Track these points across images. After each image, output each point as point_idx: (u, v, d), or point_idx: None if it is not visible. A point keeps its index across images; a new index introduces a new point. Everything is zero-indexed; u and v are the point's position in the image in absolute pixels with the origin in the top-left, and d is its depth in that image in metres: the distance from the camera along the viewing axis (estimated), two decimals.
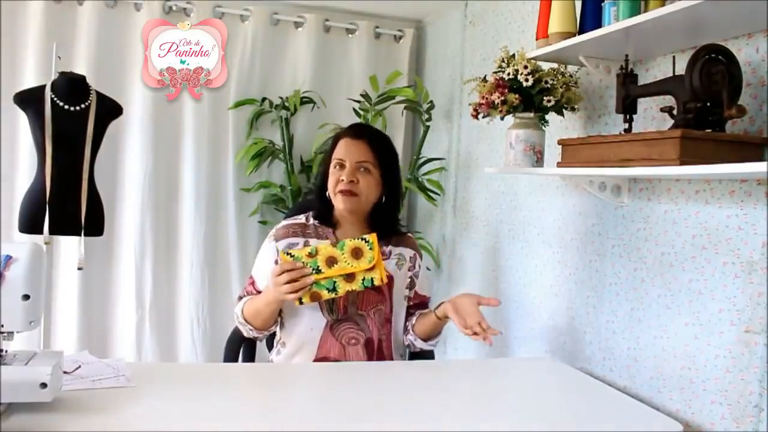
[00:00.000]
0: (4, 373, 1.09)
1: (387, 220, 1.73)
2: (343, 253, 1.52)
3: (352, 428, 1.22)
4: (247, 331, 1.68)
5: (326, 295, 1.53)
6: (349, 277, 1.53)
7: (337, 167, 1.66)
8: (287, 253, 1.53)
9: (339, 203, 1.65)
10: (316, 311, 1.62)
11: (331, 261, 1.52)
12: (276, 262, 1.67)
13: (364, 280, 1.54)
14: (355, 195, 1.64)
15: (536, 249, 2.16)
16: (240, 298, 1.73)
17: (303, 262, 1.51)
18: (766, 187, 1.33)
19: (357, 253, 1.53)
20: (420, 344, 1.71)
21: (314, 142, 2.84)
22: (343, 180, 1.63)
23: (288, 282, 1.50)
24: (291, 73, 3.01)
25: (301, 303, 1.53)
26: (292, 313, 1.65)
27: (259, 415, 1.27)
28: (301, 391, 1.48)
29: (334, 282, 1.53)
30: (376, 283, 1.55)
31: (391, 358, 1.69)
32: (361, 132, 1.72)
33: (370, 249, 1.53)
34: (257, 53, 2.94)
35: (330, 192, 1.67)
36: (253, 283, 1.72)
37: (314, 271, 1.51)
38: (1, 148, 2.61)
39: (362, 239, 1.54)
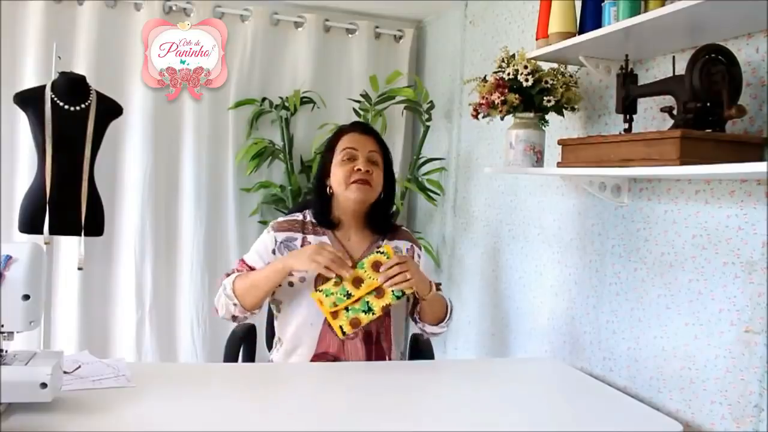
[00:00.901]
0: (4, 373, 1.09)
1: (383, 217, 1.74)
2: (365, 271, 1.53)
3: (351, 428, 1.22)
4: (229, 308, 1.61)
5: (365, 318, 1.53)
6: (379, 292, 1.53)
7: (347, 159, 1.65)
8: (317, 290, 1.53)
9: (353, 193, 1.63)
10: (314, 307, 1.61)
11: (358, 282, 1.52)
12: (274, 252, 1.66)
13: (393, 291, 1.53)
14: (369, 185, 1.64)
15: (536, 249, 2.16)
16: (227, 275, 1.67)
17: (332, 293, 1.52)
18: (766, 187, 1.33)
19: (377, 267, 1.53)
20: (431, 329, 1.72)
21: (314, 142, 2.84)
22: (359, 170, 1.63)
23: (330, 259, 1.50)
24: (291, 73, 3.01)
25: (344, 334, 1.53)
26: (290, 309, 1.65)
27: (259, 415, 1.27)
28: (301, 391, 1.48)
29: (367, 302, 1.53)
30: (407, 291, 1.54)
31: (391, 350, 1.68)
32: (368, 129, 1.76)
33: (387, 258, 1.53)
34: (257, 53, 2.94)
35: (341, 185, 1.65)
36: (245, 265, 1.69)
37: (345, 297, 1.51)
38: (1, 148, 2.61)
39: (378, 252, 1.54)
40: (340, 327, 1.53)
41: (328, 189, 1.69)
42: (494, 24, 2.50)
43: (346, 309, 1.52)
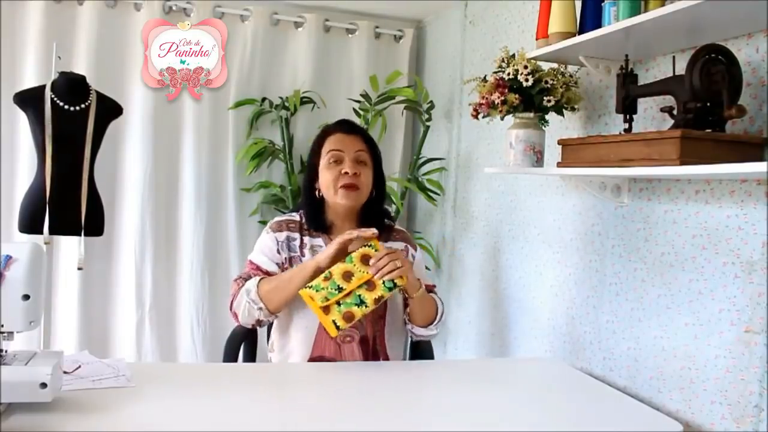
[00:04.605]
0: (4, 373, 1.09)
1: (377, 216, 1.71)
2: (354, 264, 1.51)
3: (352, 428, 1.22)
4: (252, 312, 1.57)
5: (358, 311, 1.49)
6: (370, 285, 1.50)
7: (334, 162, 1.63)
8: (306, 287, 1.50)
9: (342, 199, 1.62)
10: (310, 311, 1.61)
11: (348, 275, 1.50)
12: (278, 251, 1.65)
13: (384, 283, 1.50)
14: (357, 188, 1.62)
15: (536, 249, 2.16)
16: (243, 278, 1.64)
17: (323, 288, 1.49)
18: (766, 187, 1.33)
19: (366, 260, 1.51)
20: (419, 331, 1.69)
21: None
22: (346, 173, 1.60)
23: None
24: (291, 73, 3.01)
25: (338, 329, 1.49)
26: (286, 313, 1.64)
27: (259, 415, 1.27)
28: (301, 391, 1.48)
29: (359, 295, 1.50)
30: (399, 283, 1.51)
31: (386, 354, 1.68)
32: (353, 127, 1.72)
33: (376, 251, 1.52)
34: (257, 53, 2.94)
35: (328, 189, 1.63)
36: (258, 268, 1.65)
37: (337, 291, 1.48)
38: (1, 148, 2.61)
39: (365, 245, 1.52)
40: (333, 322, 1.48)
41: (317, 192, 1.67)
42: (494, 24, 2.50)
43: (338, 303, 1.49)
